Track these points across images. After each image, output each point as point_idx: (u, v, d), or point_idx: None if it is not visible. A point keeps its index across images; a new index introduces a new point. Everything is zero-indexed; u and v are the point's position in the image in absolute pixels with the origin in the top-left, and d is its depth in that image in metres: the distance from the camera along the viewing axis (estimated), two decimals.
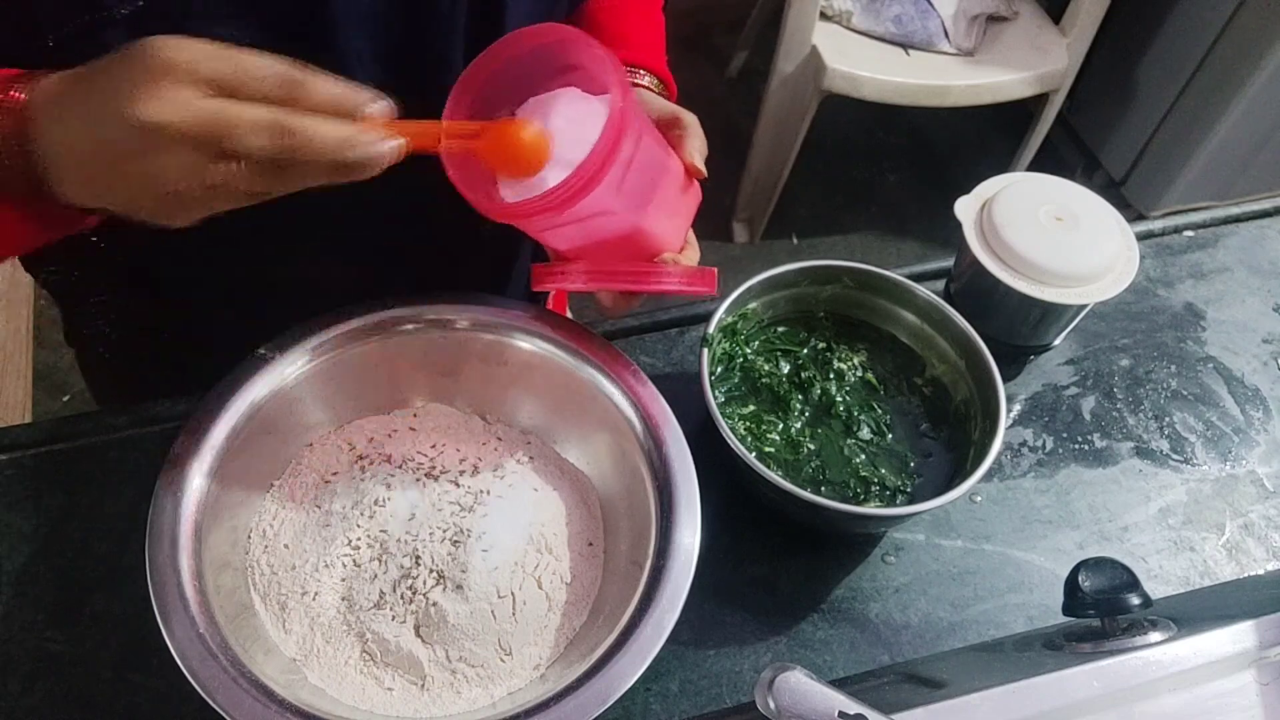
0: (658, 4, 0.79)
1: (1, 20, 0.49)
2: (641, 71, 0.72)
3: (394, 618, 0.57)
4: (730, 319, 0.72)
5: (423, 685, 0.57)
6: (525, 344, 0.65)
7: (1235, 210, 0.97)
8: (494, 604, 0.57)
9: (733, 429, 0.67)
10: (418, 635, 0.57)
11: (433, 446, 0.65)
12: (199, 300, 0.73)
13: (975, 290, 0.77)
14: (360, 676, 0.57)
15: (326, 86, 0.45)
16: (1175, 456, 0.78)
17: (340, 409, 0.66)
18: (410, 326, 0.65)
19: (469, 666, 0.57)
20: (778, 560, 0.69)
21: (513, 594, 0.58)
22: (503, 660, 0.58)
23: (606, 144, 0.49)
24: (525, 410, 0.68)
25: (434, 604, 0.57)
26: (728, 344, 0.72)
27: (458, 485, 0.62)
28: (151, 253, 0.62)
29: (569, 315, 0.78)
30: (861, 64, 1.71)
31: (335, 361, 0.64)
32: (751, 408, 0.71)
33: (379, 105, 0.46)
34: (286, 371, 0.62)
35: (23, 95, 0.45)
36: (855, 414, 0.72)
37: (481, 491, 0.61)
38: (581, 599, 0.61)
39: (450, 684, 0.56)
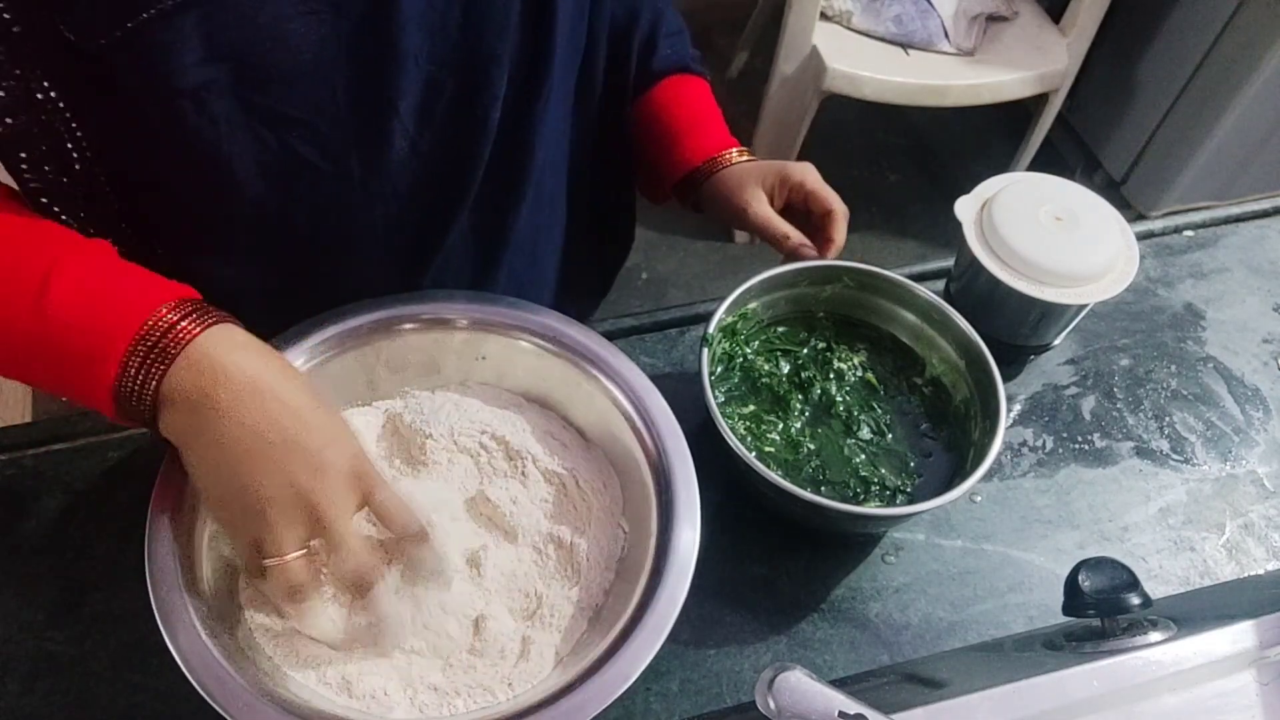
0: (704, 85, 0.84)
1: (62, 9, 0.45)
2: (733, 152, 0.79)
3: None
4: (730, 319, 0.71)
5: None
6: (526, 343, 0.65)
7: (1235, 210, 0.97)
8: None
9: (733, 429, 0.67)
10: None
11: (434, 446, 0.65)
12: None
13: (975, 290, 0.77)
14: None
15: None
16: (1175, 456, 0.78)
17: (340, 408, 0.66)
18: (410, 326, 0.65)
19: (470, 666, 0.57)
20: (778, 560, 0.69)
21: (513, 594, 0.58)
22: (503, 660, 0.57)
23: None
24: (526, 409, 0.68)
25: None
26: (728, 344, 0.72)
27: (457, 485, 0.62)
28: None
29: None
30: (861, 64, 1.71)
31: (335, 361, 0.64)
32: (751, 408, 0.71)
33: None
34: None
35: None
36: (855, 414, 0.72)
37: (481, 489, 0.61)
38: (582, 599, 0.61)
39: (451, 684, 0.56)
